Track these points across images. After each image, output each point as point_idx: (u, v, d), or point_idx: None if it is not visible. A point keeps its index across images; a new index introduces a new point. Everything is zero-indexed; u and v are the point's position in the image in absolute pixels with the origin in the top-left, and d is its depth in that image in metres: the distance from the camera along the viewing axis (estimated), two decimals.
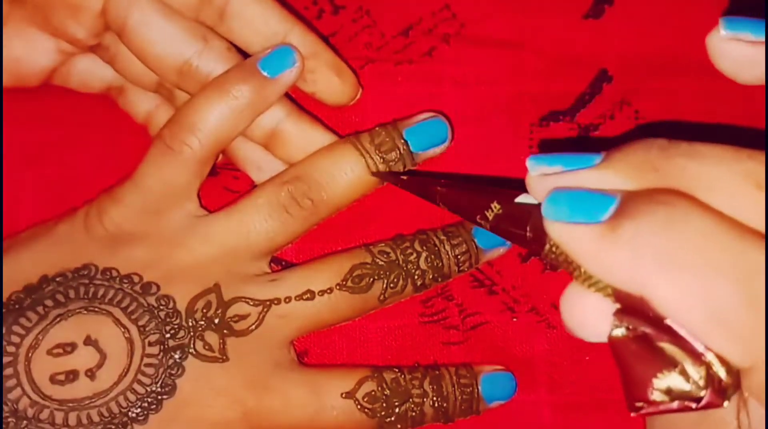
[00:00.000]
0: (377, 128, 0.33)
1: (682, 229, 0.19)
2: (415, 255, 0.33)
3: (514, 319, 0.35)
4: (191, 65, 0.32)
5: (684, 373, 0.19)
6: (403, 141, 0.33)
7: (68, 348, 0.29)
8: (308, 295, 0.31)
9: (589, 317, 0.21)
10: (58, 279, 0.30)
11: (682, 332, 0.19)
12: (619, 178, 0.21)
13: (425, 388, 0.32)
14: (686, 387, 0.19)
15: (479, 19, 0.37)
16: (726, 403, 0.19)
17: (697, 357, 0.19)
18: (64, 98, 0.36)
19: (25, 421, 0.29)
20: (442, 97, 0.36)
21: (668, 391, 0.19)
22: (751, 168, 0.20)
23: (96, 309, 0.30)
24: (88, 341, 0.30)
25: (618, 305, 0.21)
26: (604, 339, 0.21)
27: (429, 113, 0.34)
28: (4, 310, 0.30)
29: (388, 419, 0.31)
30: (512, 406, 0.34)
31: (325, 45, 0.34)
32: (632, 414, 0.20)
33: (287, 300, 0.31)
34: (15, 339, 0.29)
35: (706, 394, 0.19)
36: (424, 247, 0.33)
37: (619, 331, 0.21)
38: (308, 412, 0.31)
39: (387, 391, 0.32)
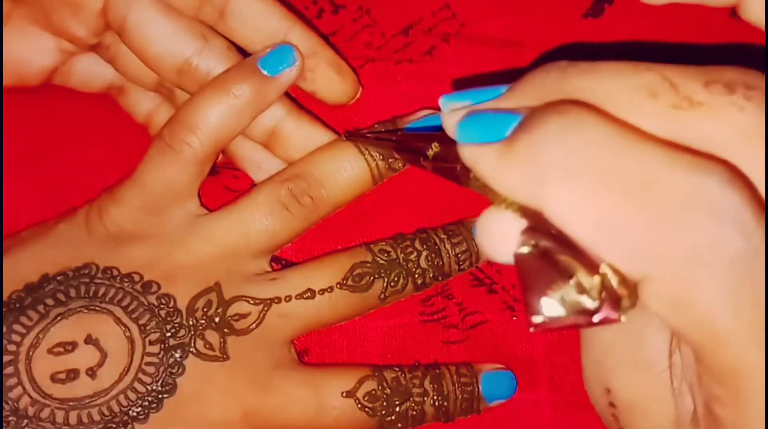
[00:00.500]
0: (376, 125, 0.33)
1: (574, 137, 0.18)
2: (415, 254, 0.33)
3: (514, 318, 0.35)
4: (191, 64, 0.32)
5: (579, 286, 0.18)
6: None
7: (69, 347, 0.29)
8: (309, 294, 0.31)
9: (501, 238, 0.21)
10: (58, 278, 0.30)
11: (580, 245, 0.19)
12: (521, 105, 0.21)
13: (426, 387, 0.32)
14: (579, 298, 0.18)
15: (479, 19, 0.37)
16: (623, 318, 0.18)
17: (592, 268, 0.18)
18: (64, 98, 0.36)
19: (25, 420, 0.29)
20: None
21: (562, 303, 0.18)
22: (648, 79, 0.19)
23: (97, 308, 0.30)
24: (89, 340, 0.30)
25: (526, 223, 0.20)
26: (508, 262, 0.21)
27: (427, 110, 0.34)
28: (4, 309, 0.30)
29: (389, 418, 0.31)
30: (512, 405, 0.34)
31: (324, 44, 0.34)
32: (531, 330, 0.19)
33: (288, 299, 0.31)
34: (16, 338, 0.29)
35: (600, 307, 0.18)
36: (425, 246, 0.33)
37: (524, 249, 0.20)
38: (309, 411, 0.31)
39: (387, 390, 0.32)
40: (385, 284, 0.32)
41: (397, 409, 0.31)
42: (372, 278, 0.32)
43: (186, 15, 0.32)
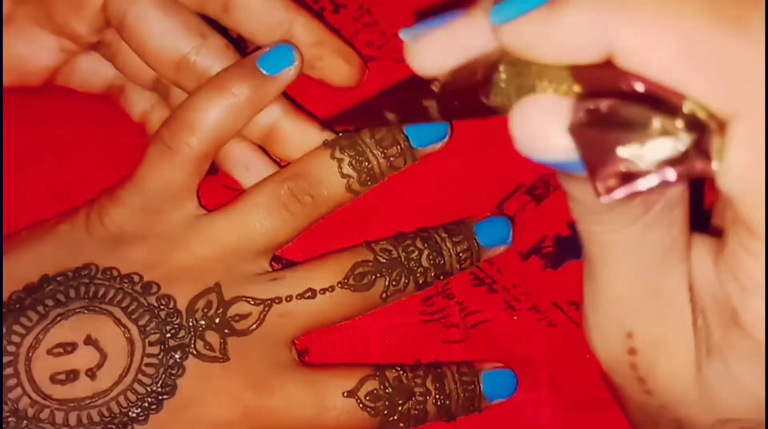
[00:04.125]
0: None
1: None
2: (417, 252, 0.32)
3: (515, 318, 0.35)
4: (188, 60, 0.32)
5: (662, 130, 0.16)
6: (403, 136, 0.33)
7: (69, 347, 0.29)
8: (309, 293, 0.31)
9: (544, 125, 0.18)
10: (58, 278, 0.30)
11: (655, 87, 0.16)
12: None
13: (428, 386, 0.32)
14: (665, 144, 0.15)
15: None
16: (716, 164, 0.15)
17: (673, 110, 0.16)
18: (65, 98, 0.36)
19: (25, 421, 0.28)
20: None
21: (645, 155, 0.16)
22: None
23: (96, 309, 0.30)
24: (89, 341, 0.29)
25: (574, 102, 0.17)
26: (559, 154, 0.18)
27: None
28: (4, 310, 0.30)
29: (391, 418, 0.31)
30: (513, 405, 0.34)
31: (329, 31, 0.34)
32: (603, 200, 0.16)
33: (288, 299, 0.31)
34: (15, 338, 0.29)
35: (689, 150, 0.15)
36: (426, 245, 0.33)
37: (581, 115, 0.17)
38: (309, 411, 0.31)
39: (389, 390, 0.31)
40: (386, 283, 0.32)
41: (400, 408, 0.31)
42: (373, 277, 0.32)
43: (187, 11, 0.32)
